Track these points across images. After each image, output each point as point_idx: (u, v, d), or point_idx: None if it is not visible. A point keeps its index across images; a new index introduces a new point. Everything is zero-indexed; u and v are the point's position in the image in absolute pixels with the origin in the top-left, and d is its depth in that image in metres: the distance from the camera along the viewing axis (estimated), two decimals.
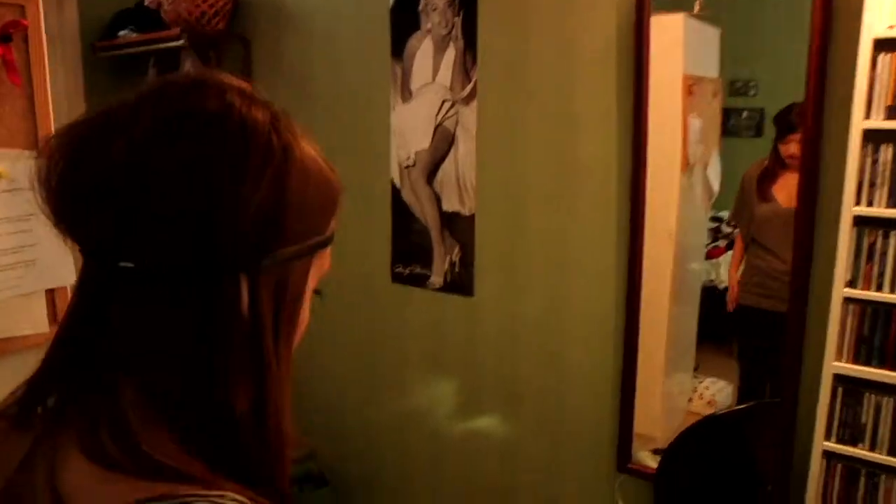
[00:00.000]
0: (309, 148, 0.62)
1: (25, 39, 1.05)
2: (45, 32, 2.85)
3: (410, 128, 2.34)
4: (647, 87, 1.82)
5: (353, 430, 2.71)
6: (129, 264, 0.54)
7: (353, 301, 2.62)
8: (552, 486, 2.19)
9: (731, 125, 2.13)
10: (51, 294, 1.19)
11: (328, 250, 0.66)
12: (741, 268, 2.06)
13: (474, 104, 2.17)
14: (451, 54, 2.19)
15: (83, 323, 0.57)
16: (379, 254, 2.50)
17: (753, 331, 2.05)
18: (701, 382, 2.25)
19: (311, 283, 0.65)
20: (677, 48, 1.96)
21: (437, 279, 2.36)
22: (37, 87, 1.09)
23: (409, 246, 2.42)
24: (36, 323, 1.16)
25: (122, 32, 2.80)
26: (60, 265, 1.16)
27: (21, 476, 0.55)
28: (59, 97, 2.90)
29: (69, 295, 1.22)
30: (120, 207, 0.53)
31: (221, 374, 0.56)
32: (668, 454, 1.97)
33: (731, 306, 2.08)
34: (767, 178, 1.92)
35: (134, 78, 2.94)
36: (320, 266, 0.66)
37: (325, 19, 2.53)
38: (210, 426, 0.56)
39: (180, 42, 2.60)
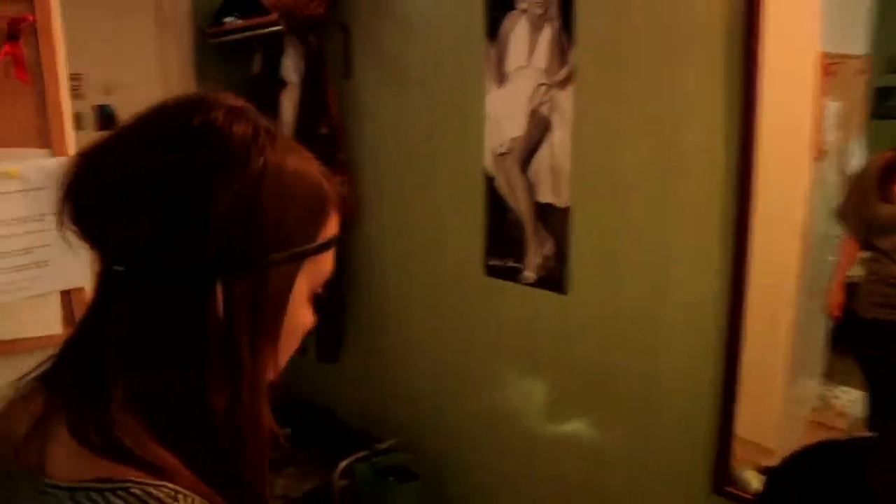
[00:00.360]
0: (297, 160, 0.63)
1: (35, 34, 1.02)
2: (157, 20, 2.94)
3: (505, 113, 2.22)
4: (757, 67, 1.61)
5: (447, 424, 2.64)
6: (120, 268, 0.59)
7: (446, 292, 2.55)
8: (643, 501, 2.03)
9: (884, 106, 1.86)
10: (66, 295, 1.17)
11: (325, 256, 0.67)
12: (850, 273, 1.81)
13: (570, 88, 2.01)
14: (546, 35, 2.04)
15: (89, 319, 0.63)
16: (472, 245, 2.40)
17: (871, 343, 1.79)
18: (831, 391, 2.00)
19: (303, 289, 0.66)
20: (812, 22, 1.73)
21: (529, 274, 2.23)
22: (48, 84, 1.06)
23: (502, 238, 2.30)
24: (48, 324, 1.15)
25: (227, 19, 2.84)
26: (74, 266, 1.13)
27: (32, 433, 0.61)
28: (171, 83, 2.99)
29: (85, 296, 1.20)
30: (109, 213, 0.59)
31: (196, 374, 0.59)
32: (774, 478, 1.76)
33: (833, 314, 1.83)
34: (891, 173, 1.65)
35: (240, 63, 2.98)
36: (315, 271, 0.67)
37: (422, 2, 2.44)
38: (185, 425, 0.60)
39: (281, 27, 2.60)
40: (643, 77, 1.85)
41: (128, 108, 3.08)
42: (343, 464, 2.52)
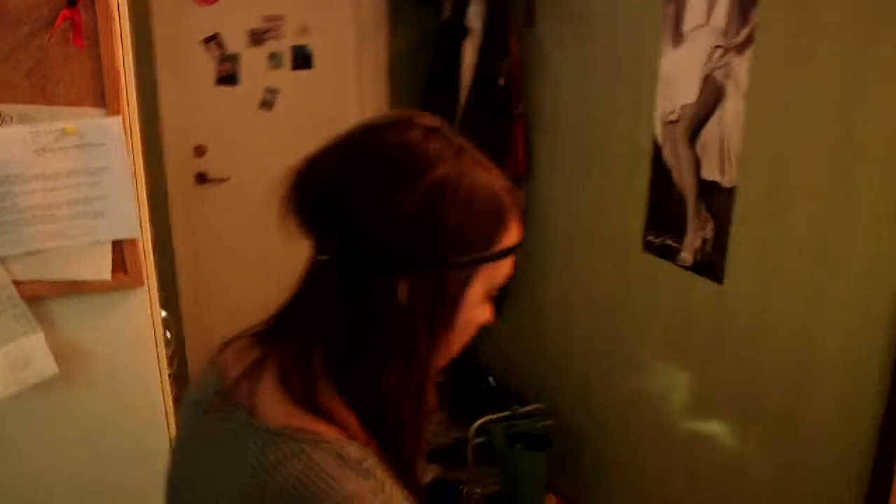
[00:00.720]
0: (484, 175, 0.71)
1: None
2: None
3: (678, 77, 2.00)
4: None
5: (591, 397, 2.55)
6: (325, 257, 0.71)
7: (605, 261, 2.42)
8: None
9: None
10: (119, 245, 1.27)
11: (502, 262, 0.73)
12: None
13: (749, 53, 1.76)
14: None
15: (298, 294, 0.75)
16: (633, 218, 2.24)
17: None
18: None
19: (479, 290, 0.73)
20: None
21: (686, 255, 2.04)
22: (104, 48, 1.11)
23: (663, 213, 2.12)
24: (100, 270, 1.26)
25: None
26: (126, 219, 1.23)
27: (245, 375, 0.74)
28: (363, 26, 3.05)
29: (138, 247, 1.29)
30: (319, 211, 0.70)
31: (376, 354, 0.70)
32: None
33: None
34: None
35: (431, 8, 2.96)
36: (492, 276, 0.73)
37: None
38: (363, 394, 0.70)
39: None
40: (832, 45, 1.57)
41: (323, 48, 3.17)
42: (479, 422, 2.52)
